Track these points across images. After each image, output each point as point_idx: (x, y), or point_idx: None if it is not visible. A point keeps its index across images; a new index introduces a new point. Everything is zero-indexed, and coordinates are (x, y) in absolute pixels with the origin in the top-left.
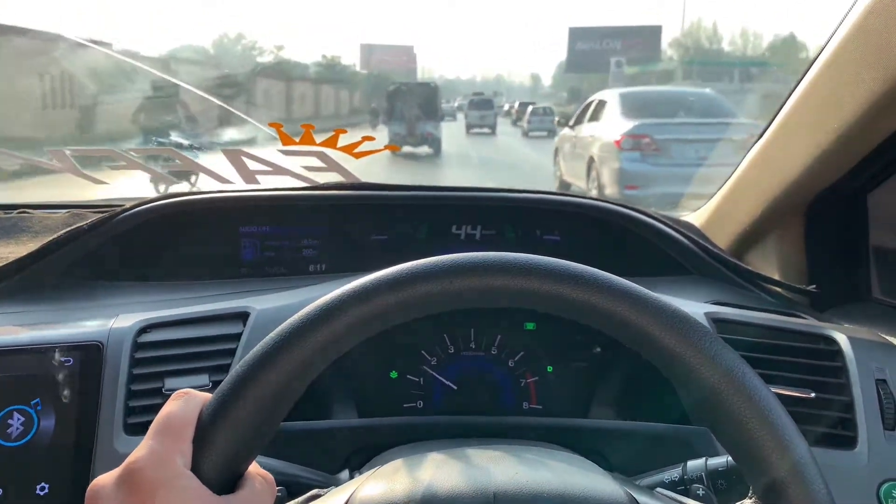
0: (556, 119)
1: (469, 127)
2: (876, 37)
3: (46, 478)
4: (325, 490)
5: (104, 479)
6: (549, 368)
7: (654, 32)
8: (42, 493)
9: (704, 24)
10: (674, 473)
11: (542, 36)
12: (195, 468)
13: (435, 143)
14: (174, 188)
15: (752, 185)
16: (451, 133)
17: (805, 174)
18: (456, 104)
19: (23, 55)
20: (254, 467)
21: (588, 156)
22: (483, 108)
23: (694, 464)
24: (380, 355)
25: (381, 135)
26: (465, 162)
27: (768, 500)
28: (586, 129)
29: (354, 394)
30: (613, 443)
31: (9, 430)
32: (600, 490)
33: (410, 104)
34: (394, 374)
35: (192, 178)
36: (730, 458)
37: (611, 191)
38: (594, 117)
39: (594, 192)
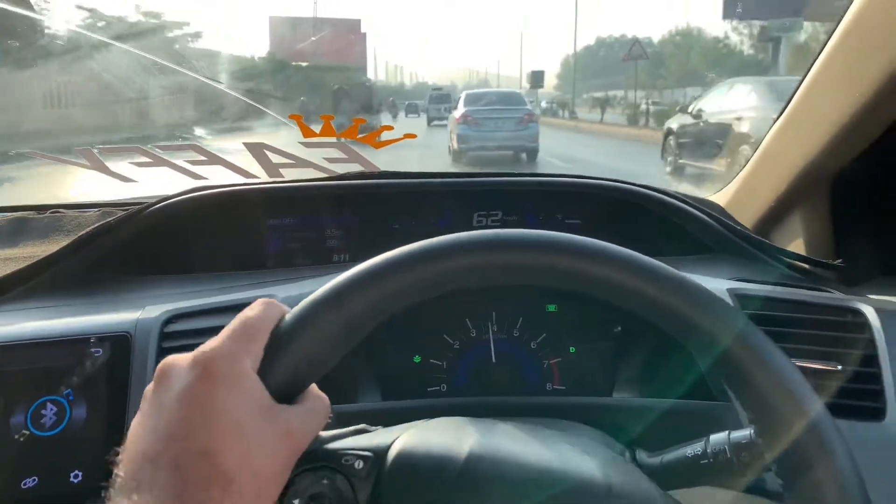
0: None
1: (430, 120)
2: None
3: (79, 466)
4: (374, 427)
5: (177, 359)
6: (572, 349)
7: None
8: (76, 481)
9: None
10: (696, 447)
11: (543, 31)
12: (262, 372)
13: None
14: (199, 183)
15: (775, 161)
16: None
17: (830, 146)
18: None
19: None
20: (313, 387)
21: (451, 128)
22: (442, 101)
23: (717, 437)
24: (403, 340)
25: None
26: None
27: (789, 467)
28: (455, 113)
29: (378, 379)
30: (638, 419)
31: (42, 421)
32: (581, 469)
33: (351, 100)
34: (417, 359)
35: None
36: (752, 431)
37: (456, 146)
38: (456, 107)
39: (449, 147)
